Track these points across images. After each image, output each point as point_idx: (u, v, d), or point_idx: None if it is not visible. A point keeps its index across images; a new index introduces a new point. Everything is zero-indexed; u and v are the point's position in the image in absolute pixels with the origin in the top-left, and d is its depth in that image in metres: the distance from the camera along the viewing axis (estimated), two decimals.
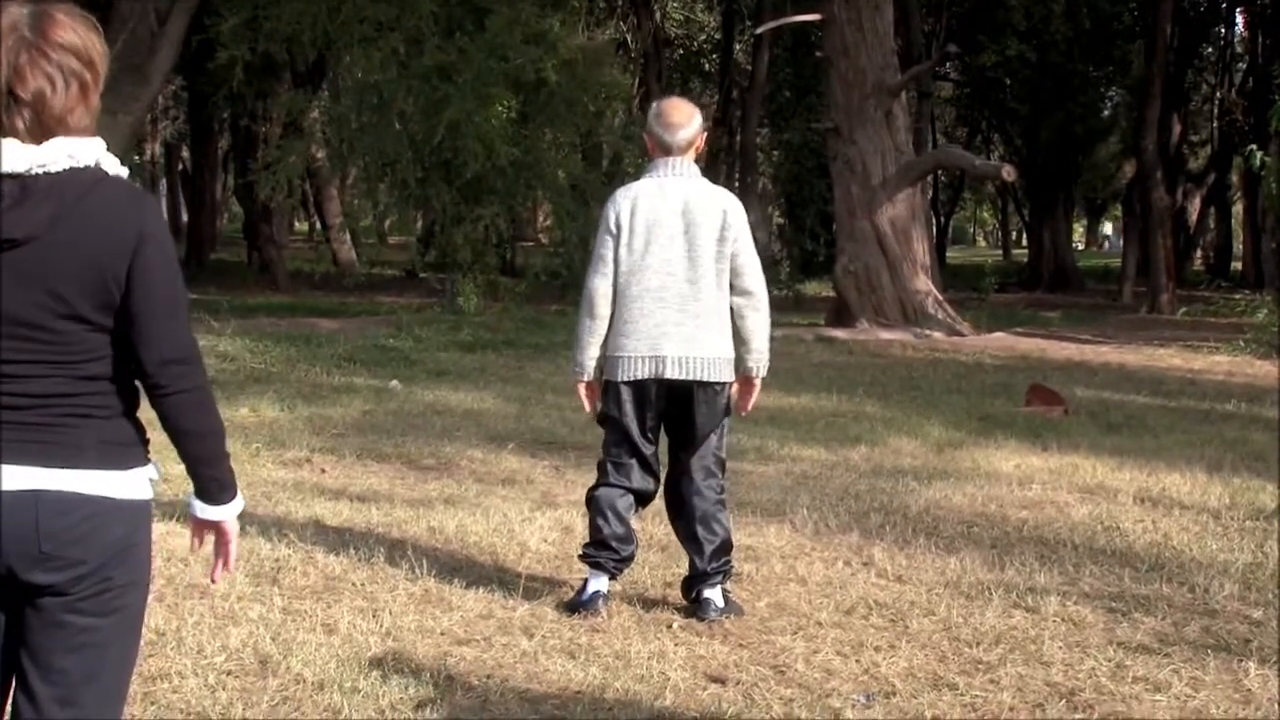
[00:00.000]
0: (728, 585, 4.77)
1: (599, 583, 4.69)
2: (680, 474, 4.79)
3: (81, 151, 2.19)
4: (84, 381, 2.23)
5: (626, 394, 4.70)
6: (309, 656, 4.07)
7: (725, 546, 4.75)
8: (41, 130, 2.17)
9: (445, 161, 17.83)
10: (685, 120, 4.73)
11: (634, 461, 4.76)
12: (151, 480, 2.33)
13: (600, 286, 4.70)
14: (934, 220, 33.37)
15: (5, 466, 2.18)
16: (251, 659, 4.06)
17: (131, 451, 2.29)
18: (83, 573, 2.21)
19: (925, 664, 4.19)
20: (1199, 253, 40.98)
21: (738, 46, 30.57)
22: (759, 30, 23.66)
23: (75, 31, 2.20)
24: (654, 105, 4.89)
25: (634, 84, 26.92)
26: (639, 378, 4.66)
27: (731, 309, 4.71)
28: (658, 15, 26.43)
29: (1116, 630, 4.55)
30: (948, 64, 30.25)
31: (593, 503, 4.81)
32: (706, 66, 34.25)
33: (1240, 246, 40.09)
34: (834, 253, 19.71)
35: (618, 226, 4.67)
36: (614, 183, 22.40)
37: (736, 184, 30.36)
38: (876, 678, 4.07)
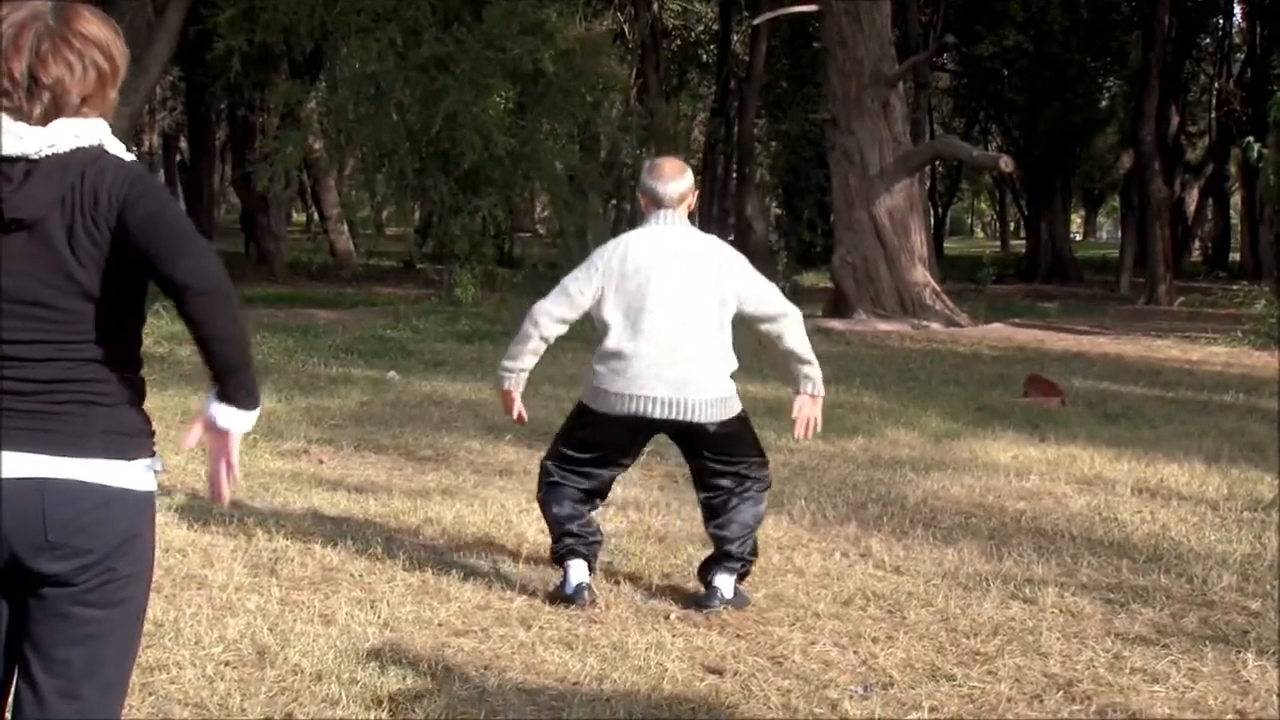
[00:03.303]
0: (741, 585, 4.76)
1: (579, 572, 4.68)
2: (713, 486, 4.77)
3: (86, 131, 2.23)
4: (89, 365, 2.23)
5: (607, 425, 4.69)
6: (307, 647, 4.07)
7: (753, 544, 4.77)
8: (58, 116, 2.21)
9: (443, 152, 17.82)
10: (677, 174, 4.73)
11: (589, 474, 4.78)
12: (155, 472, 2.33)
13: (553, 310, 4.70)
14: (931, 211, 33.36)
15: (10, 454, 2.17)
16: (249, 650, 4.06)
17: (136, 442, 2.28)
18: (88, 562, 2.21)
19: (923, 655, 4.19)
20: (1197, 244, 40.97)
21: (735, 37, 30.53)
22: (756, 21, 23.63)
23: (98, 25, 2.26)
24: (647, 163, 4.91)
25: (632, 75, 26.88)
26: (623, 412, 4.62)
27: (768, 336, 4.72)
28: (655, 6, 26.39)
29: (1114, 621, 4.56)
30: (945, 54, 30.24)
31: (545, 504, 4.83)
32: (704, 57, 34.20)
33: (1238, 237, 40.13)
34: (831, 243, 19.71)
35: (604, 270, 4.65)
36: (611, 173, 22.56)
37: (734, 175, 30.36)
38: (874, 669, 4.07)
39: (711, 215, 31.21)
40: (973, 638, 4.35)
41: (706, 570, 4.74)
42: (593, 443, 4.76)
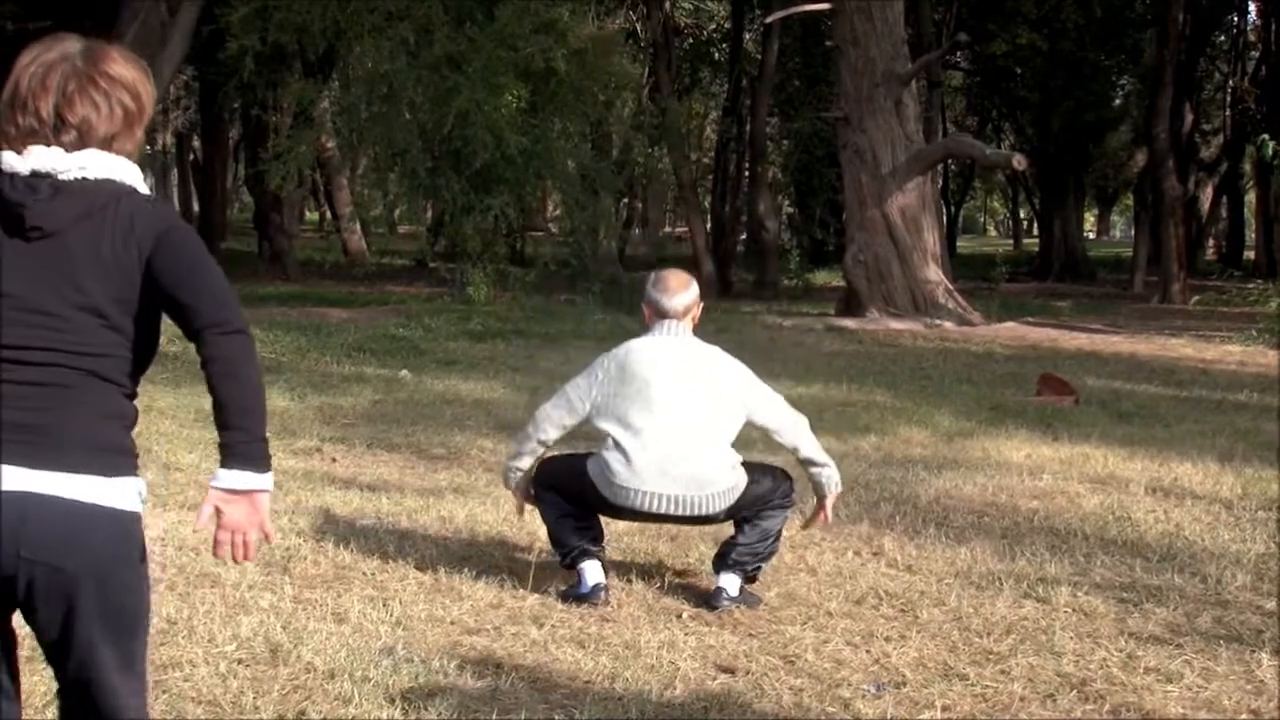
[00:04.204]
0: (753, 585, 4.76)
1: (595, 572, 4.69)
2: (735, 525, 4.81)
3: (120, 169, 2.27)
4: (86, 377, 2.22)
5: (607, 506, 4.71)
6: (320, 645, 4.07)
7: (772, 544, 4.78)
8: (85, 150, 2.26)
9: (455, 151, 17.83)
10: (681, 288, 4.75)
11: (584, 518, 4.79)
12: (139, 495, 2.29)
13: (553, 415, 4.76)
14: (944, 210, 33.29)
15: None
16: (262, 648, 4.07)
17: (120, 461, 2.26)
18: (61, 580, 2.18)
19: (935, 654, 4.18)
20: (1211, 242, 40.84)
21: (747, 35, 30.47)
22: (769, 19, 23.58)
23: (126, 66, 2.30)
24: (652, 275, 4.92)
25: (644, 73, 26.86)
26: (625, 504, 4.64)
27: (779, 442, 4.80)
28: (667, 4, 26.34)
29: (1128, 621, 4.54)
30: (958, 53, 30.16)
31: (544, 520, 4.89)
32: (716, 56, 34.14)
33: (1252, 236, 39.96)
34: (844, 242, 19.69)
35: (604, 378, 4.69)
36: (623, 172, 22.55)
37: (746, 173, 30.33)
38: (887, 668, 4.06)
39: (723, 214, 31.18)
40: (985, 637, 4.35)
41: (719, 561, 4.75)
42: (587, 508, 4.79)
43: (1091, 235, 56.14)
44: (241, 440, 2.28)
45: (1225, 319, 17.98)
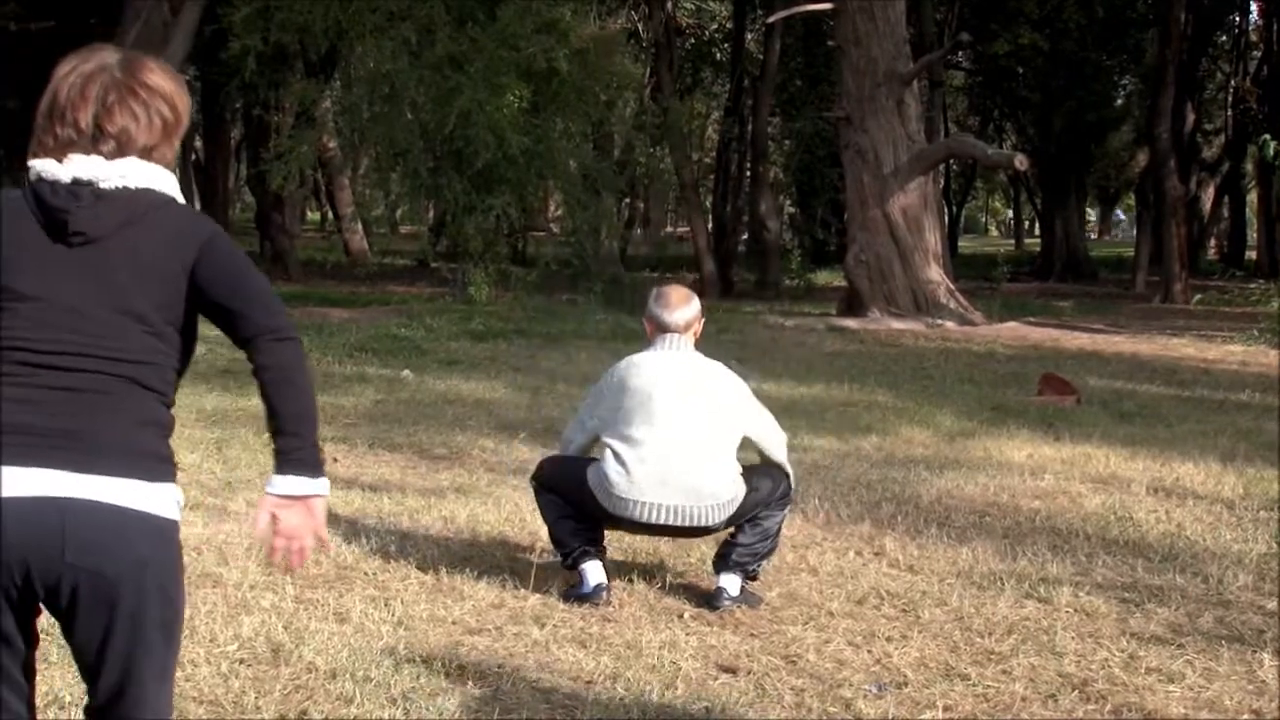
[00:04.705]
0: (754, 585, 4.76)
1: (597, 573, 4.69)
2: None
3: (158, 179, 2.29)
4: (124, 383, 2.21)
5: (607, 516, 4.72)
6: (321, 645, 4.08)
7: (771, 543, 4.79)
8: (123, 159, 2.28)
9: (456, 151, 17.83)
10: (683, 304, 4.79)
11: (585, 523, 4.80)
12: (178, 503, 2.28)
13: (573, 439, 4.91)
14: (946, 210, 33.27)
15: (31, 470, 2.14)
16: (264, 648, 4.07)
17: (159, 467, 2.24)
18: (104, 585, 2.16)
19: (937, 654, 4.18)
20: (1213, 242, 40.80)
21: (749, 35, 30.47)
22: (771, 19, 23.57)
23: (163, 77, 2.32)
24: (654, 290, 4.94)
25: (645, 73, 26.84)
26: (624, 515, 4.66)
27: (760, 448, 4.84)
28: (669, 4, 26.32)
29: (1129, 621, 4.54)
30: (960, 52, 30.14)
31: (544, 521, 4.91)
32: (718, 55, 34.12)
33: (1254, 236, 39.95)
34: (845, 242, 19.68)
35: (610, 388, 4.74)
36: (625, 172, 22.55)
37: (748, 173, 30.32)
38: (888, 668, 4.07)
39: (725, 214, 31.18)
40: (987, 637, 4.34)
41: (719, 561, 4.76)
42: (586, 514, 4.79)
43: (1093, 235, 56.11)
44: (297, 446, 2.28)
45: (1227, 319, 17.97)
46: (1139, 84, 34.57)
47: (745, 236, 31.23)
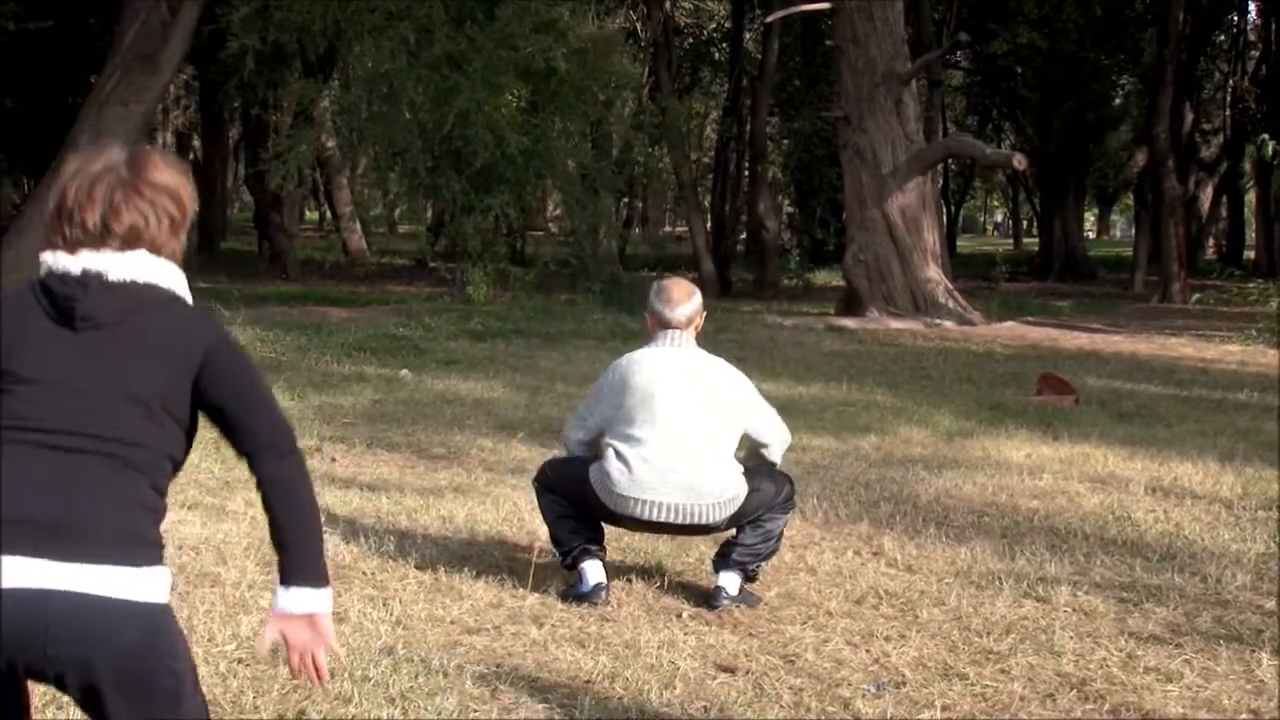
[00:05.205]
0: (749, 586, 4.76)
1: (596, 572, 4.69)
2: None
3: (166, 274, 2.32)
4: (117, 464, 2.21)
5: (608, 514, 4.73)
6: None
7: (773, 545, 4.79)
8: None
9: (455, 151, 17.82)
10: (685, 298, 4.76)
11: (585, 521, 4.81)
12: (167, 585, 2.26)
13: (574, 436, 4.88)
14: (944, 209, 33.29)
15: (14, 559, 2.11)
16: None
17: (146, 551, 2.22)
18: (87, 674, 2.13)
19: (935, 654, 4.18)
20: (1211, 242, 40.84)
21: (748, 35, 30.48)
22: (769, 19, 23.58)
23: (168, 172, 2.34)
24: (655, 284, 4.92)
25: (644, 73, 26.85)
26: (625, 513, 4.66)
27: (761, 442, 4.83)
28: (667, 4, 26.33)
29: (1128, 620, 4.54)
30: (958, 52, 30.15)
31: (545, 520, 4.91)
32: (716, 55, 34.15)
33: (1253, 235, 39.97)
34: (844, 241, 19.68)
35: (611, 386, 4.72)
36: (623, 172, 22.56)
37: (746, 173, 30.32)
38: (886, 667, 4.07)
39: (723, 214, 31.19)
40: (985, 636, 4.35)
41: (719, 560, 4.76)
42: (588, 513, 4.80)
43: (1092, 235, 56.14)
44: (300, 559, 2.34)
45: (1225, 318, 17.98)
46: (1137, 84, 34.60)
47: (744, 236, 31.25)
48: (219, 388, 2.29)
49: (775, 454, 4.87)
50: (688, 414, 4.62)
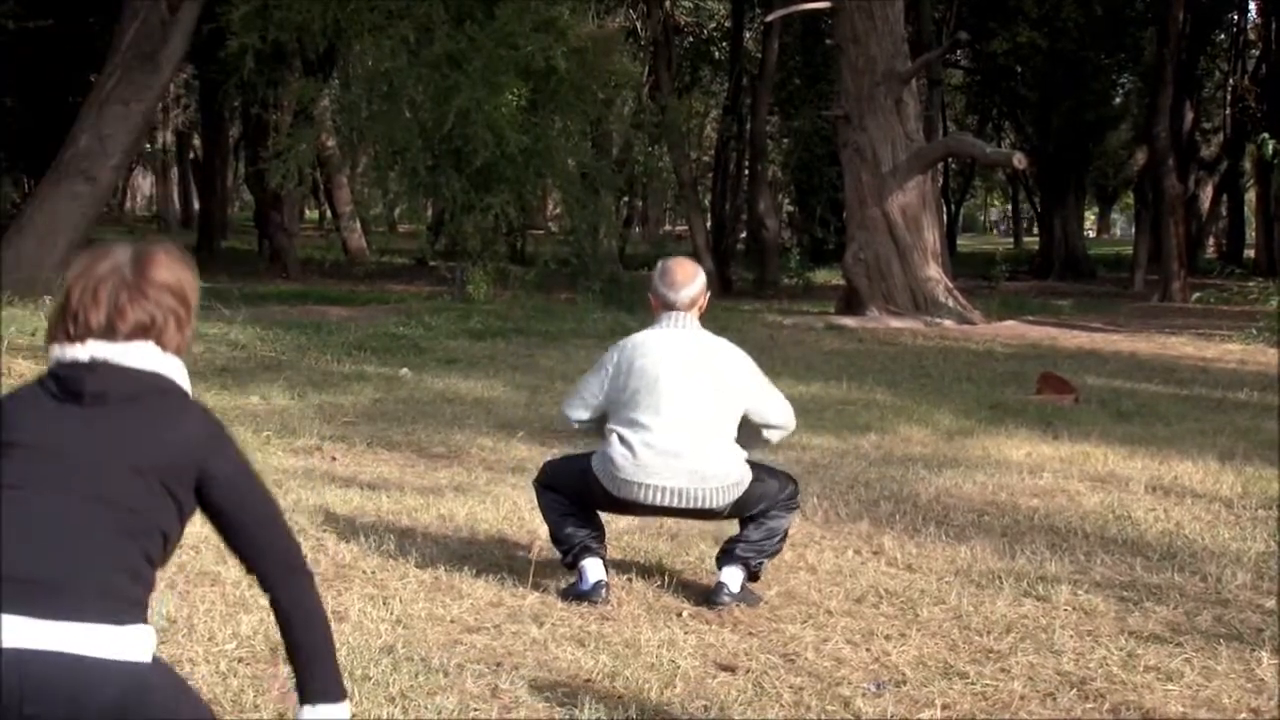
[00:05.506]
0: (751, 585, 4.76)
1: (596, 570, 4.69)
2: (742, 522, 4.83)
3: (171, 368, 2.36)
4: (109, 529, 2.21)
5: (612, 500, 4.71)
6: None
7: (777, 544, 4.78)
8: None
9: (455, 150, 17.83)
10: (688, 279, 4.74)
11: (586, 517, 4.81)
12: (150, 644, 2.25)
13: (572, 414, 4.87)
14: (944, 208, 33.29)
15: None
16: (262, 646, 4.07)
17: (130, 610, 2.21)
18: None
19: (936, 652, 4.18)
20: (1211, 240, 40.84)
21: (748, 34, 30.47)
22: (769, 18, 23.58)
23: (172, 270, 2.38)
24: (659, 264, 4.89)
25: (644, 72, 26.84)
26: (630, 498, 4.65)
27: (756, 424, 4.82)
28: (667, 3, 26.34)
29: (1128, 619, 4.54)
30: (958, 51, 30.14)
31: (545, 520, 4.90)
32: (716, 54, 34.15)
33: (1253, 234, 39.97)
34: (844, 240, 19.68)
35: (616, 368, 4.70)
36: (623, 171, 22.56)
37: (746, 172, 30.32)
38: (887, 666, 4.07)
39: (723, 213, 31.18)
40: (985, 635, 4.35)
41: (722, 557, 4.76)
42: (591, 505, 4.80)
43: (1092, 234, 56.13)
44: (320, 681, 2.38)
45: (1225, 317, 17.98)
46: (1137, 83, 34.61)
47: (744, 235, 31.24)
48: (224, 510, 2.34)
49: (775, 435, 4.87)
50: (692, 397, 4.61)
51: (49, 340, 2.34)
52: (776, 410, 4.81)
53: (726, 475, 4.63)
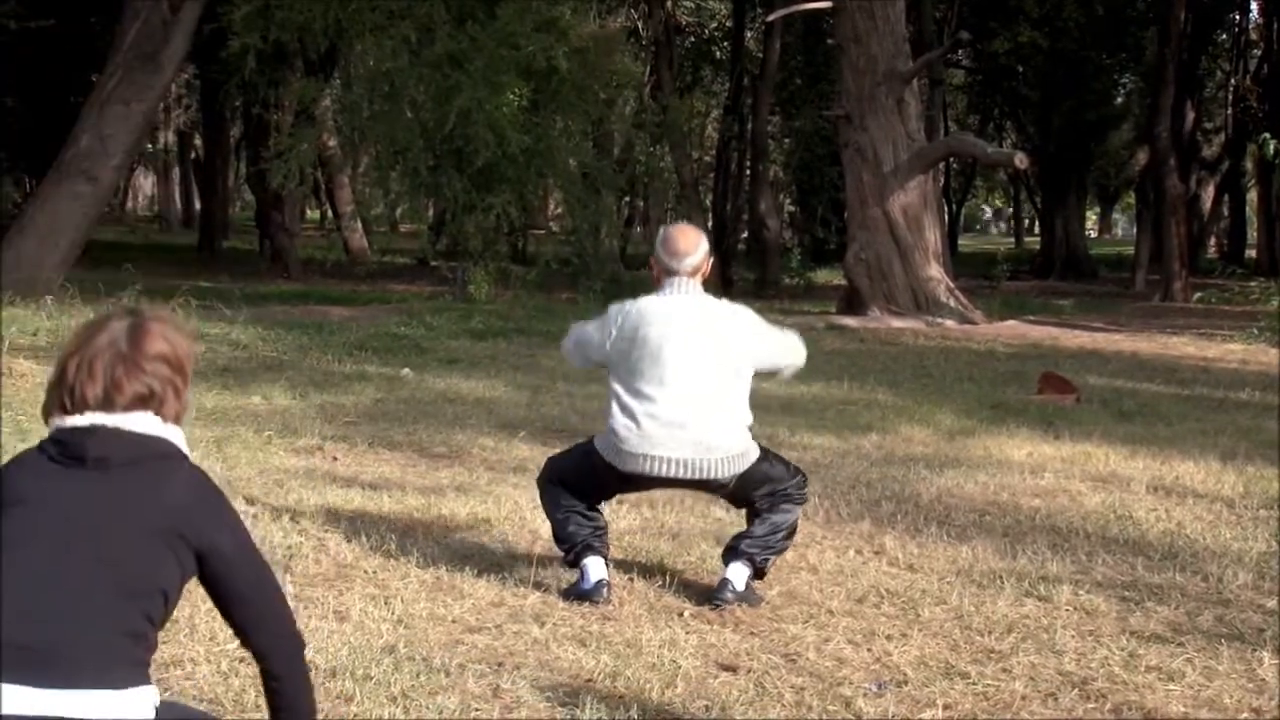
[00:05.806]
0: (755, 583, 4.76)
1: (598, 568, 4.69)
2: (748, 508, 4.84)
3: (169, 433, 2.38)
4: (109, 589, 2.22)
5: (617, 476, 4.71)
6: (321, 644, 4.07)
7: (783, 540, 4.78)
8: None
9: (456, 150, 17.83)
10: (691, 247, 4.71)
11: (589, 508, 4.82)
12: (154, 704, 2.28)
13: (577, 362, 4.97)
14: (945, 208, 33.28)
15: (3, 686, 2.13)
16: None
17: (133, 673, 2.24)
18: None
19: (937, 653, 4.18)
20: (1212, 240, 40.83)
21: (749, 34, 30.46)
22: (770, 17, 23.58)
23: (167, 340, 2.40)
24: (661, 230, 4.88)
25: (645, 72, 26.84)
26: (635, 470, 4.65)
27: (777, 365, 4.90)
28: (669, 3, 26.34)
29: (1129, 619, 4.54)
30: (960, 51, 30.13)
31: (549, 517, 4.89)
32: (718, 54, 34.13)
33: (1254, 234, 39.95)
34: (845, 240, 19.67)
35: (620, 330, 4.68)
36: (625, 170, 22.56)
37: (748, 172, 30.31)
38: (888, 666, 4.07)
39: (725, 213, 31.18)
40: (987, 635, 4.34)
41: (728, 553, 4.76)
42: (596, 488, 4.80)
43: (1093, 234, 56.11)
44: None
45: (1227, 317, 17.97)
46: (1139, 82, 34.59)
47: (745, 235, 31.23)
48: (225, 573, 2.36)
49: (788, 373, 4.94)
50: (697, 367, 4.60)
51: (46, 413, 2.35)
52: (783, 354, 4.85)
53: (731, 446, 4.62)
